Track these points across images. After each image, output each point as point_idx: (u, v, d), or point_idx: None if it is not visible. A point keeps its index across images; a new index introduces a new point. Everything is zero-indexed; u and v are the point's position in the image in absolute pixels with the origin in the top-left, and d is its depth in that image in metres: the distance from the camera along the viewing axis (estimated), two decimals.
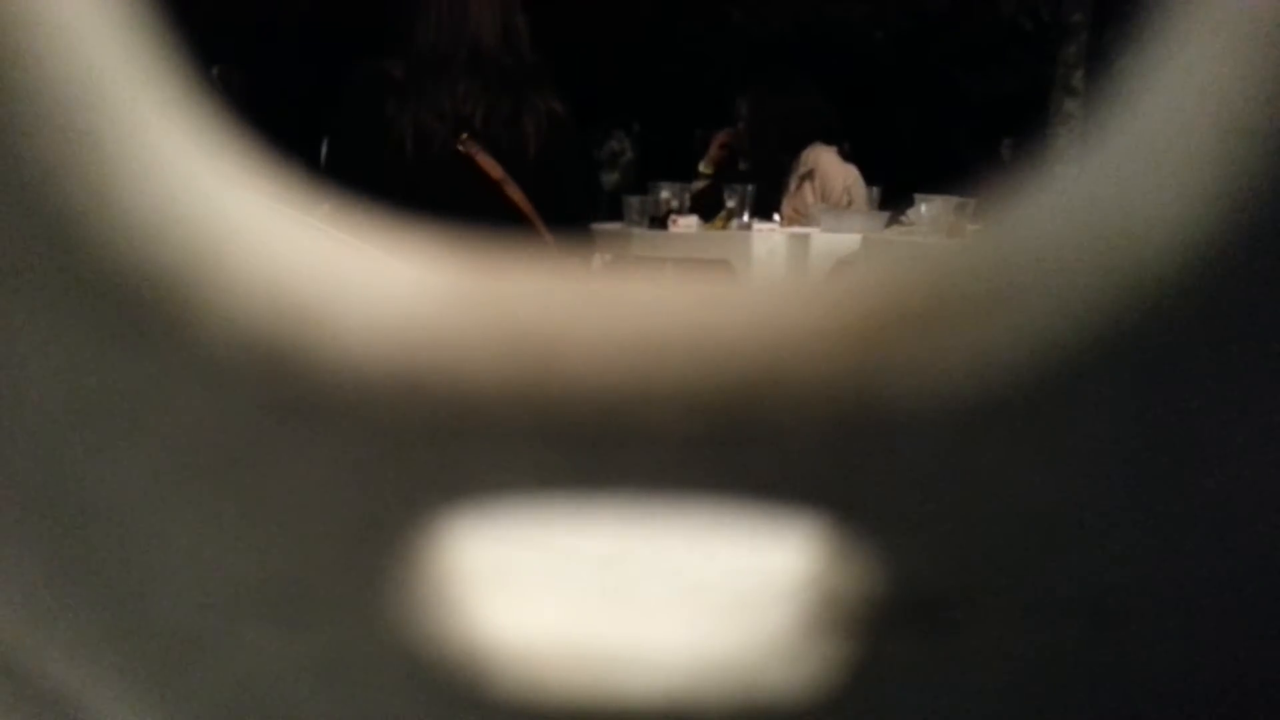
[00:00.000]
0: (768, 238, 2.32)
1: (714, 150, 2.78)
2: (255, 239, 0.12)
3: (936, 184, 2.18)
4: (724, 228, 2.38)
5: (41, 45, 0.10)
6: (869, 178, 2.65)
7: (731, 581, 0.17)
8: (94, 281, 0.11)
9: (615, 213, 2.33)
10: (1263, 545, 0.13)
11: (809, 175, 2.60)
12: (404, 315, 0.12)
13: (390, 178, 1.23)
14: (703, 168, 2.75)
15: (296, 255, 0.12)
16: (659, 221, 2.29)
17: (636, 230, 2.26)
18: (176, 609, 0.14)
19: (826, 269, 2.15)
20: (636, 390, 0.11)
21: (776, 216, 2.52)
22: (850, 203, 2.56)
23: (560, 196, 1.33)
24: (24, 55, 0.10)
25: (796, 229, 2.38)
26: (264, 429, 0.12)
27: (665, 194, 2.40)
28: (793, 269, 2.26)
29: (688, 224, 2.33)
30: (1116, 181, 0.11)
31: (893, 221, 2.32)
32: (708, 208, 2.45)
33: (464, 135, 1.27)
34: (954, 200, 2.08)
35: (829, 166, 2.61)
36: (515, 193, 1.29)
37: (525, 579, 0.17)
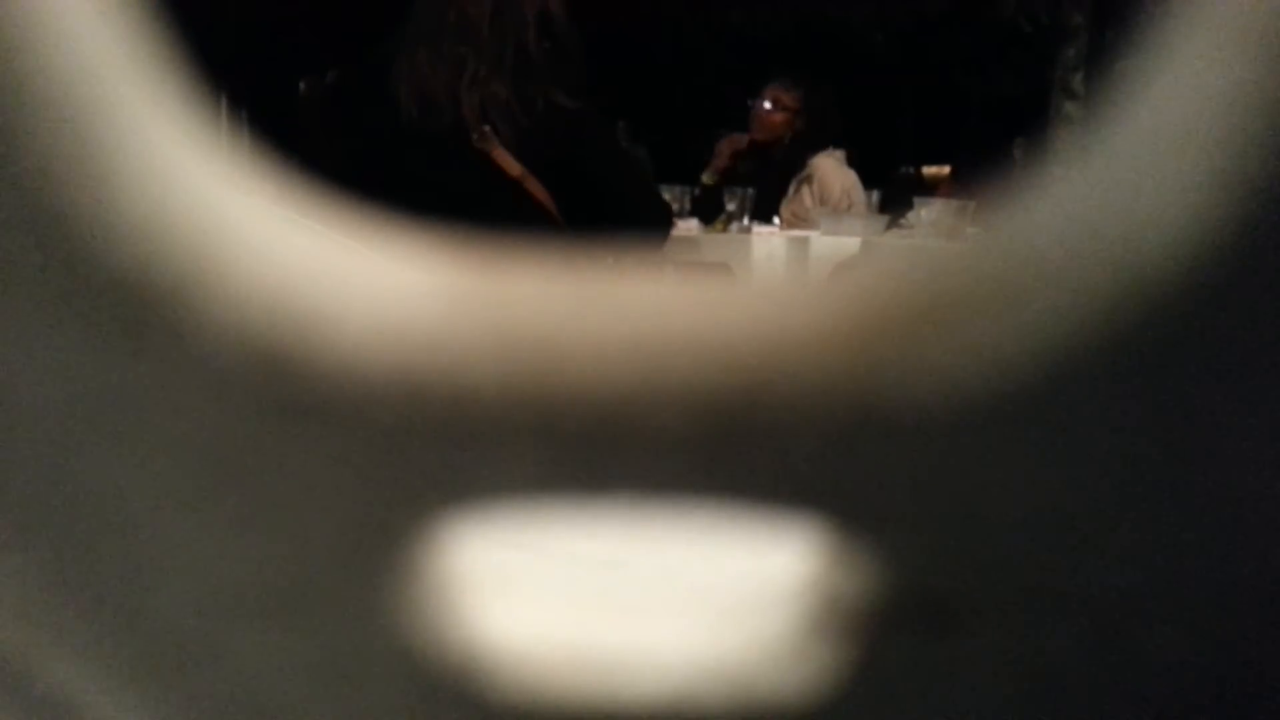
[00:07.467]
0: (767, 241, 2.31)
1: (722, 160, 2.66)
2: (254, 240, 0.12)
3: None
4: (724, 231, 2.38)
5: (41, 45, 0.10)
6: (867, 181, 2.64)
7: (731, 584, 0.17)
8: (93, 282, 0.11)
9: None
10: (1263, 545, 0.13)
11: (807, 179, 2.59)
12: (403, 317, 0.12)
13: (400, 171, 1.17)
14: (706, 179, 2.67)
15: (296, 257, 0.12)
16: None
17: None
18: (176, 610, 0.14)
19: (826, 272, 2.15)
20: (637, 392, 0.11)
21: (776, 220, 2.51)
22: (850, 206, 2.56)
23: (594, 198, 1.24)
24: (24, 56, 0.10)
25: (796, 232, 2.38)
26: (263, 430, 0.12)
27: (664, 197, 2.40)
28: (792, 272, 2.25)
29: (688, 227, 2.32)
30: (1116, 183, 0.11)
31: (892, 225, 2.32)
32: (708, 211, 2.45)
33: (478, 132, 1.19)
34: (954, 203, 2.09)
35: (828, 170, 2.60)
36: (538, 189, 1.21)
37: (525, 581, 0.17)
